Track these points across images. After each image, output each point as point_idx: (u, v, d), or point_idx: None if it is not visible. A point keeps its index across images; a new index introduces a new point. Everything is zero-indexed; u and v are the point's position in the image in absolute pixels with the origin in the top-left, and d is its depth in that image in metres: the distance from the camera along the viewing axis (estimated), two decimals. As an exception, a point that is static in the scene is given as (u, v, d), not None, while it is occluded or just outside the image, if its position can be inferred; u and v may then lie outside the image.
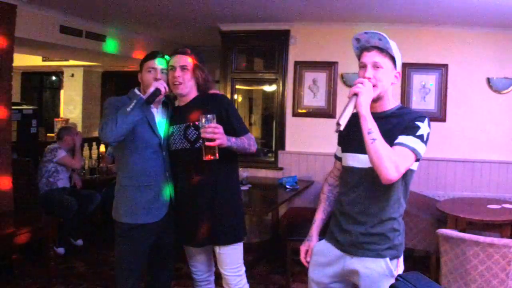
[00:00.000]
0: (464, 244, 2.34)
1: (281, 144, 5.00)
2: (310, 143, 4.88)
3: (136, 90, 2.29)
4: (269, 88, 5.38)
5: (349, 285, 1.88)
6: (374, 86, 1.71)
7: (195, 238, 2.28)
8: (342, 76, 4.78)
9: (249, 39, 5.11)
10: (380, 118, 1.72)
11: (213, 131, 2.02)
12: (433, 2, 3.73)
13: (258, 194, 4.24)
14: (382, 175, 1.59)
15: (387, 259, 1.72)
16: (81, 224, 4.55)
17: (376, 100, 1.73)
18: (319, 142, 4.81)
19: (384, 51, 1.74)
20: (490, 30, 4.46)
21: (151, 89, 2.13)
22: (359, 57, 1.82)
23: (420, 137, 1.66)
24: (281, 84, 4.97)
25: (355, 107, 1.66)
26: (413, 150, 1.64)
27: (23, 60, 7.54)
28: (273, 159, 5.07)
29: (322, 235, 1.98)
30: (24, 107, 6.44)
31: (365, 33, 1.76)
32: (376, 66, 1.73)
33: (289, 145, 4.97)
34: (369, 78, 1.71)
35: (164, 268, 2.39)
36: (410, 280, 1.35)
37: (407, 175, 1.72)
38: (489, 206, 3.67)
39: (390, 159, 1.58)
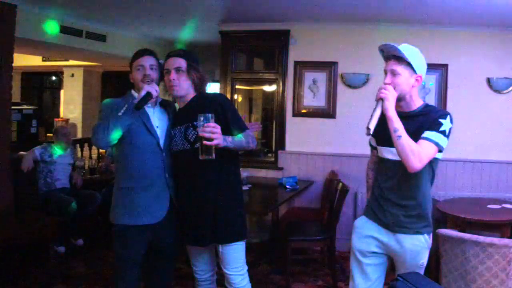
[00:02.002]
0: (464, 244, 2.34)
1: (281, 144, 4.99)
2: (310, 143, 4.88)
3: (133, 92, 2.30)
4: (269, 88, 5.38)
5: (386, 256, 2.16)
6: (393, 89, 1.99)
7: (198, 238, 2.28)
8: (342, 76, 4.77)
9: (249, 39, 5.11)
10: (409, 117, 2.02)
11: (211, 131, 2.02)
12: (433, 2, 3.74)
13: (258, 194, 4.24)
14: (408, 165, 1.91)
15: (425, 235, 2.06)
16: (81, 224, 4.55)
17: (398, 100, 2.01)
18: (319, 142, 4.81)
19: (401, 59, 1.99)
20: (490, 30, 4.45)
21: (142, 93, 2.11)
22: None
23: (443, 132, 1.96)
24: (281, 84, 4.97)
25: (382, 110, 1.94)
26: (436, 144, 1.94)
27: (23, 60, 7.55)
28: (273, 159, 5.06)
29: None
30: (24, 107, 6.45)
31: (384, 44, 2.04)
32: (393, 73, 2.00)
33: (289, 145, 4.97)
34: (388, 84, 1.99)
35: (165, 269, 2.39)
36: (410, 280, 1.36)
37: (433, 163, 2.04)
38: (489, 206, 3.66)
39: (414, 152, 1.88)
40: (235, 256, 2.29)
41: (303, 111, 4.91)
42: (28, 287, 3.50)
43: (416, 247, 2.04)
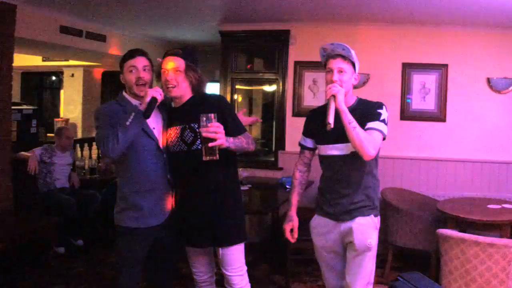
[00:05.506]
0: (464, 244, 2.34)
1: (281, 144, 4.99)
2: (310, 143, 4.87)
3: (124, 94, 2.25)
4: (269, 88, 5.38)
5: (344, 249, 2.28)
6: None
7: (197, 240, 2.28)
8: (342, 76, 4.77)
9: (249, 39, 5.10)
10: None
11: (215, 131, 1.99)
12: (433, 2, 3.73)
13: (258, 194, 4.24)
14: (365, 153, 2.03)
15: (372, 215, 2.21)
16: (81, 224, 4.54)
17: None
18: (319, 142, 4.80)
19: (347, 58, 2.15)
20: (490, 30, 4.45)
21: (148, 99, 2.06)
22: (325, 63, 2.23)
23: (383, 121, 2.12)
24: (281, 84, 4.97)
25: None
26: (381, 132, 2.10)
27: (23, 60, 7.55)
28: (273, 159, 5.06)
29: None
30: (24, 107, 6.45)
31: (331, 44, 2.16)
32: (340, 71, 2.14)
33: (289, 145, 4.96)
34: (336, 81, 2.11)
35: (165, 269, 2.39)
36: (410, 280, 1.36)
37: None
38: (489, 206, 3.66)
39: (369, 141, 2.02)
40: (234, 257, 2.28)
41: (303, 111, 4.91)
42: (28, 287, 3.50)
43: (363, 226, 2.17)
